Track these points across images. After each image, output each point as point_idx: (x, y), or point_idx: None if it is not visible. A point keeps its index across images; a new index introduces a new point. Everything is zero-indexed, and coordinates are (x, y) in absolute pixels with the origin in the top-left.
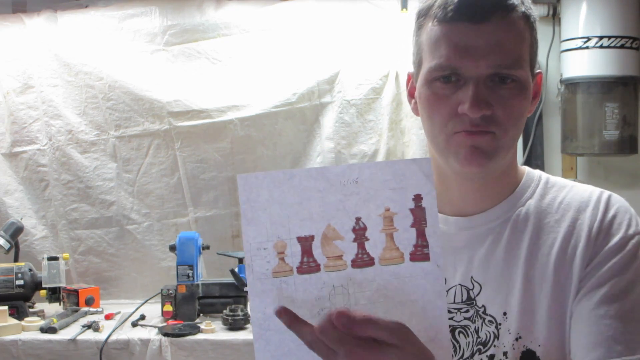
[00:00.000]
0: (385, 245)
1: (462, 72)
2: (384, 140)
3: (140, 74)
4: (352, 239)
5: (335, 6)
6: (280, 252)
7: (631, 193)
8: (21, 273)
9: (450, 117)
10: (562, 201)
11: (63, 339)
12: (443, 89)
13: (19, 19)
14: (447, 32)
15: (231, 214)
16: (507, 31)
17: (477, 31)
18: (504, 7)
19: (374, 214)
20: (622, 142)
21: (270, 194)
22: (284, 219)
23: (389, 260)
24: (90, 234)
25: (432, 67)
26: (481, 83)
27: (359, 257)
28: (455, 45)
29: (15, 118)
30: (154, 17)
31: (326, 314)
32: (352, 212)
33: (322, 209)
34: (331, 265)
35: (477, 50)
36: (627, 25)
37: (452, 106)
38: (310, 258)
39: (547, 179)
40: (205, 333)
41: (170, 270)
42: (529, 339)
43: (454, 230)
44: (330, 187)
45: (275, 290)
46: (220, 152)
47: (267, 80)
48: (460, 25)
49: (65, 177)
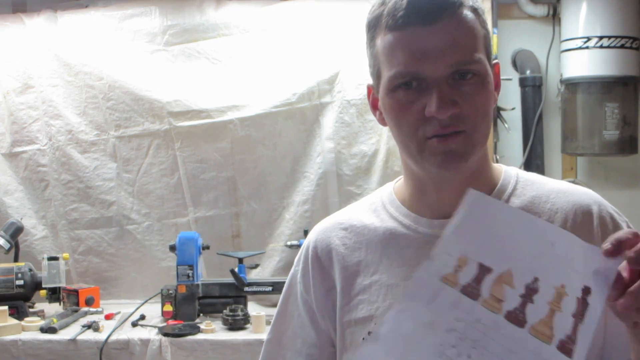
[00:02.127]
0: (543, 318)
1: (422, 75)
2: (384, 140)
3: (140, 74)
4: (521, 293)
5: (335, 6)
6: (459, 265)
7: (631, 193)
8: (21, 273)
9: (419, 123)
10: (547, 201)
11: (63, 339)
12: (406, 95)
13: (19, 19)
14: (401, 39)
15: (231, 214)
16: (459, 28)
17: (430, 33)
18: (451, 5)
19: (551, 283)
20: (622, 142)
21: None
22: (482, 242)
23: (539, 333)
24: (90, 234)
25: (392, 76)
26: (443, 83)
27: (514, 312)
28: (411, 50)
29: (15, 118)
30: (154, 17)
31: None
32: (535, 270)
33: (514, 253)
34: (489, 303)
35: (434, 52)
36: (627, 25)
37: (418, 111)
38: (477, 285)
39: (524, 176)
40: (205, 333)
41: (170, 270)
42: None
43: (440, 232)
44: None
45: (432, 291)
46: (220, 152)
47: (267, 80)
48: (412, 29)
49: (65, 177)
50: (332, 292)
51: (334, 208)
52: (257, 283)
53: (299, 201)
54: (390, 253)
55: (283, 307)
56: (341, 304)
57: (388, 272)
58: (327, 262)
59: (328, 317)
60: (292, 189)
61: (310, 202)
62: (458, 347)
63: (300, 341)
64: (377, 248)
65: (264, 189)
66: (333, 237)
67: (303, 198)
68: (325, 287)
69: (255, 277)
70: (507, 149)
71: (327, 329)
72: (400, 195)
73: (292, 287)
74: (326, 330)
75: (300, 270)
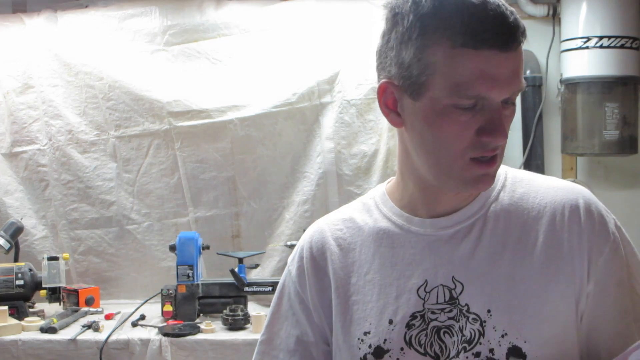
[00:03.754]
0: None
1: (485, 100)
2: (384, 140)
3: (140, 74)
4: None
5: (336, 6)
6: None
7: (631, 193)
8: (21, 273)
9: (468, 143)
10: (536, 196)
11: (63, 339)
12: (462, 114)
13: (19, 19)
14: (478, 61)
15: (231, 214)
16: (521, 57)
17: (505, 60)
18: (522, 33)
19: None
20: (622, 142)
21: None
22: None
23: None
24: (90, 234)
25: (456, 94)
26: (500, 109)
27: None
28: (487, 74)
29: (15, 118)
30: (154, 17)
31: None
32: None
33: None
34: None
35: (503, 79)
36: (627, 25)
37: (470, 131)
38: None
39: (513, 173)
40: (205, 333)
41: (170, 270)
42: (515, 335)
43: (432, 231)
44: None
45: None
46: (220, 152)
47: (267, 80)
48: (490, 53)
49: (65, 177)
50: (328, 291)
51: (333, 208)
52: (257, 283)
53: (299, 201)
54: (383, 252)
55: (276, 307)
56: (336, 304)
57: (381, 272)
58: (322, 262)
59: (324, 315)
60: (292, 189)
61: (310, 202)
62: None
63: (293, 340)
64: (370, 248)
65: (264, 189)
66: (328, 237)
67: (303, 198)
68: (320, 286)
69: (255, 277)
70: (507, 149)
71: (322, 327)
72: (392, 195)
73: (286, 287)
74: (321, 328)
75: (295, 270)
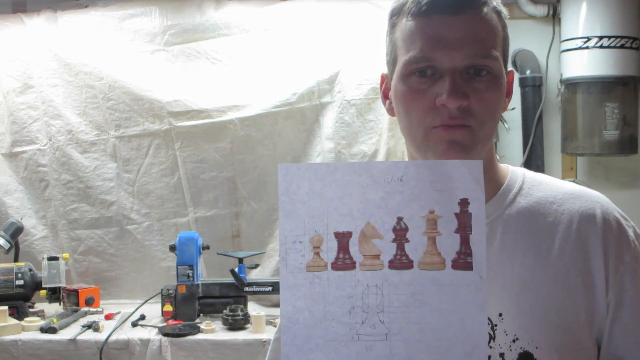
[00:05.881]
0: (427, 249)
1: (437, 64)
2: (384, 140)
3: (140, 74)
4: (392, 239)
5: (335, 6)
6: (316, 246)
7: (631, 193)
8: (21, 273)
9: (428, 111)
10: (554, 202)
11: (63, 339)
12: (419, 83)
13: (19, 19)
14: (421, 25)
15: (231, 214)
16: (480, 23)
17: (451, 23)
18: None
19: (417, 215)
20: (622, 142)
21: (310, 187)
22: (322, 212)
23: (429, 265)
24: (90, 234)
25: (407, 60)
26: (457, 74)
27: (397, 259)
28: (430, 37)
29: (15, 118)
30: (154, 17)
31: None
32: (394, 211)
33: (363, 205)
34: (367, 264)
35: (452, 42)
36: (627, 25)
37: (429, 100)
38: (346, 255)
39: (531, 176)
40: (205, 333)
41: (170, 270)
42: (527, 340)
43: None
44: (374, 183)
45: (307, 285)
46: (220, 152)
47: (267, 80)
48: (434, 17)
49: (65, 177)
50: None
51: None
52: (257, 283)
53: None
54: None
55: None
56: None
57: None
58: None
59: None
60: None
61: None
62: (367, 321)
63: None
64: None
65: (264, 189)
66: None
67: None
68: None
69: (255, 277)
70: (507, 149)
71: None
72: None
73: None
74: None
75: None
